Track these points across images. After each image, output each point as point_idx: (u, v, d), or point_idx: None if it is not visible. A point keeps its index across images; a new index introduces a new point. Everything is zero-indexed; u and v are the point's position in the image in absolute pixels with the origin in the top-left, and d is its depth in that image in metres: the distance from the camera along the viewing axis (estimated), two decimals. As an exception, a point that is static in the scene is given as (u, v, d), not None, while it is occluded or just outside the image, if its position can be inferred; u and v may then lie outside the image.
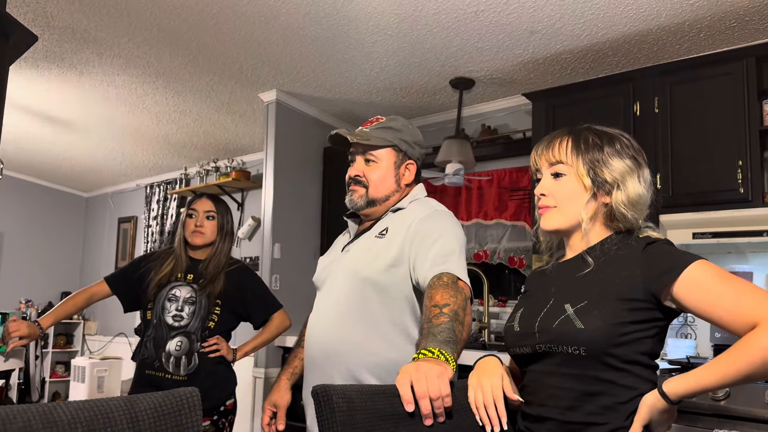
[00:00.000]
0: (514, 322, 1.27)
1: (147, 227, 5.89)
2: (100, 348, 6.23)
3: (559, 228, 1.27)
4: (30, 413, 0.73)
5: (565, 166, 1.25)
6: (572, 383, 1.13)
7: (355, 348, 1.50)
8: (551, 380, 1.17)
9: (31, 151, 5.35)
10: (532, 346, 1.20)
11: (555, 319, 1.16)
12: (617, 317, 1.10)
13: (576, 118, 2.97)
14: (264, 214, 3.90)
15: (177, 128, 4.61)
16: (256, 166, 5.02)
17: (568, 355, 1.13)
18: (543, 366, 1.19)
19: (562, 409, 1.14)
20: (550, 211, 1.27)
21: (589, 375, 1.12)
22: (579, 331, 1.11)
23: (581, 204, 1.23)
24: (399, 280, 1.51)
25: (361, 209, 1.66)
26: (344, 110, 4.08)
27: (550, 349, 1.16)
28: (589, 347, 1.10)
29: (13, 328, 2.00)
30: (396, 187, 1.65)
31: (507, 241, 3.67)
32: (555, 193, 1.26)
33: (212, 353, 2.21)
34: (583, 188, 1.23)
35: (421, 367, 1.11)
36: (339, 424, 0.97)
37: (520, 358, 1.26)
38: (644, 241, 1.18)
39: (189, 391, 0.87)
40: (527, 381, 1.24)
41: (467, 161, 3.36)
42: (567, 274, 1.25)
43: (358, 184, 1.65)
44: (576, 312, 1.13)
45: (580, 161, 1.24)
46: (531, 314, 1.23)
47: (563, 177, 1.25)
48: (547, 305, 1.21)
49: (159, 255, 2.36)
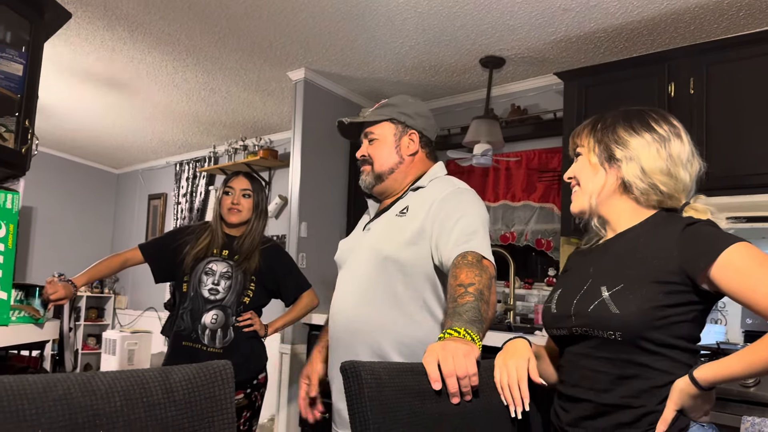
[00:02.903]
0: (552, 303, 1.28)
1: (176, 204, 5.98)
2: (130, 322, 6.38)
3: (582, 208, 1.30)
4: (69, 382, 0.75)
5: (582, 148, 1.30)
6: (607, 366, 1.14)
7: (379, 326, 1.51)
8: (586, 362, 1.17)
9: (63, 127, 5.44)
10: (569, 329, 1.20)
11: (591, 303, 1.15)
12: (653, 301, 1.09)
13: (609, 99, 2.97)
14: (291, 193, 3.92)
15: (206, 106, 4.65)
16: (284, 144, 5.04)
17: (604, 339, 1.13)
18: (579, 348, 1.19)
19: (596, 391, 1.14)
20: (576, 192, 1.31)
21: (624, 359, 1.12)
22: (614, 315, 1.10)
23: (591, 179, 1.26)
24: (420, 257, 1.51)
25: (372, 186, 1.68)
26: (372, 89, 4.06)
27: (586, 333, 1.16)
28: (624, 332, 1.10)
29: (50, 289, 2.04)
30: (399, 158, 1.65)
31: (535, 223, 3.64)
32: (576, 173, 1.31)
33: (246, 328, 2.26)
34: (591, 165, 1.27)
35: (447, 346, 1.11)
36: (368, 400, 0.98)
37: (557, 339, 1.27)
38: (684, 221, 1.16)
39: (222, 363, 0.88)
40: (563, 362, 1.24)
41: (496, 142, 3.33)
42: (605, 255, 1.24)
43: (364, 163, 1.69)
44: (612, 296, 1.12)
45: (591, 139, 1.27)
46: (568, 296, 1.23)
47: (581, 157, 1.30)
48: (584, 287, 1.20)
49: (194, 229, 2.40)
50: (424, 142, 1.68)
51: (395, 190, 1.67)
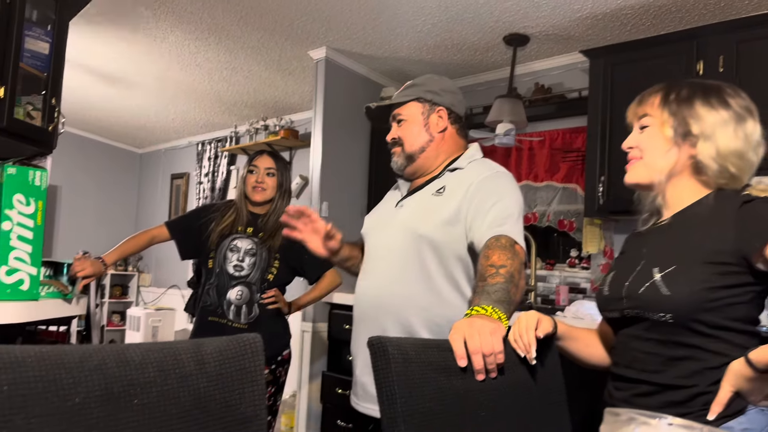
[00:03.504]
0: (604, 285, 1.26)
1: (198, 184, 6.02)
2: (153, 299, 6.48)
3: (639, 181, 1.24)
4: (104, 352, 0.77)
5: (650, 117, 1.22)
6: (658, 348, 1.12)
7: (408, 302, 1.52)
8: (638, 344, 1.16)
9: (86, 107, 5.49)
10: (620, 311, 1.18)
11: (642, 285, 1.13)
12: (706, 282, 1.06)
13: (636, 77, 2.92)
14: (312, 173, 3.93)
15: (228, 86, 4.65)
16: (305, 125, 5.04)
17: (655, 321, 1.11)
18: (631, 330, 1.17)
19: (648, 372, 1.13)
20: (635, 164, 1.25)
21: (676, 341, 1.10)
22: (665, 297, 1.08)
23: (662, 154, 1.20)
24: (454, 238, 1.51)
25: (404, 168, 1.67)
26: (393, 68, 4.03)
27: (637, 315, 1.14)
28: (676, 314, 1.08)
29: (78, 267, 2.06)
30: (429, 136, 1.64)
31: (557, 204, 3.60)
32: (640, 144, 1.24)
33: (270, 305, 2.28)
34: (664, 138, 1.19)
35: (474, 324, 1.12)
36: (394, 375, 0.98)
37: (610, 321, 1.25)
38: (741, 199, 1.11)
39: (252, 336, 0.90)
40: (616, 343, 1.23)
41: (519, 121, 3.29)
42: (658, 236, 1.21)
43: (395, 145, 1.69)
44: (663, 277, 1.10)
45: (665, 111, 1.20)
46: (620, 278, 1.21)
47: (647, 128, 1.23)
48: (636, 269, 1.18)
49: (219, 207, 2.43)
50: (453, 118, 1.67)
51: (428, 169, 1.66)
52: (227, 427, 0.83)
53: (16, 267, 1.70)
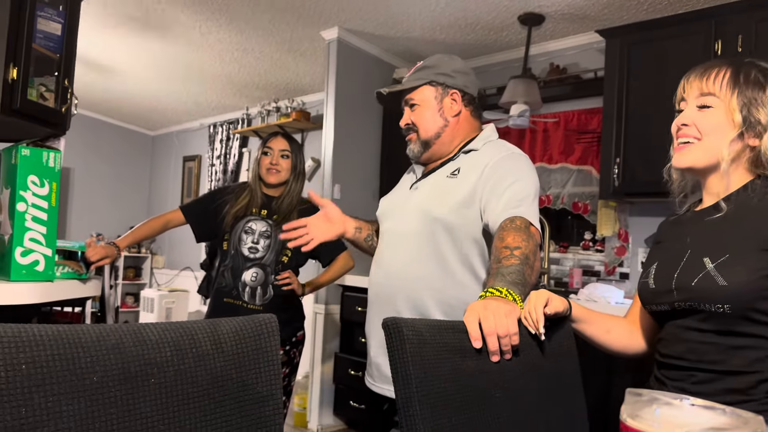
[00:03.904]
0: (649, 278, 1.21)
1: (210, 166, 6.04)
2: (167, 281, 6.54)
3: (694, 165, 1.17)
4: (121, 332, 0.77)
5: (716, 99, 1.14)
6: (716, 338, 1.08)
7: (423, 284, 1.52)
8: (692, 335, 1.12)
9: (98, 88, 5.50)
10: (671, 304, 1.14)
11: (694, 276, 1.09)
12: (763, 270, 1.02)
13: (652, 57, 2.87)
14: (324, 155, 3.92)
15: (239, 67, 4.64)
16: (316, 106, 5.02)
17: (711, 312, 1.07)
18: (683, 322, 1.13)
19: (705, 362, 1.09)
20: (691, 146, 1.16)
21: (735, 331, 1.06)
22: (722, 288, 1.04)
23: (725, 141, 1.12)
24: (469, 220, 1.50)
25: (420, 155, 1.65)
26: (406, 49, 4.00)
27: (691, 307, 1.10)
28: (733, 304, 1.03)
29: (90, 254, 2.09)
30: (444, 121, 1.62)
31: (572, 186, 3.57)
32: (699, 124, 1.15)
33: (285, 287, 2.30)
34: (731, 124, 1.12)
35: (489, 305, 1.11)
36: (409, 355, 0.98)
37: (657, 315, 1.21)
38: None
39: (268, 317, 0.89)
40: (665, 335, 1.19)
41: (533, 102, 3.26)
42: (704, 224, 1.16)
43: (409, 131, 1.66)
44: (717, 267, 1.06)
45: (735, 95, 1.12)
46: (667, 269, 1.16)
47: (710, 109, 1.14)
48: (684, 259, 1.14)
49: (234, 189, 2.43)
50: (467, 100, 1.64)
51: (443, 153, 1.64)
52: (243, 406, 0.83)
53: (31, 248, 1.71)
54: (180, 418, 0.77)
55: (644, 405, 0.58)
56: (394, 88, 1.68)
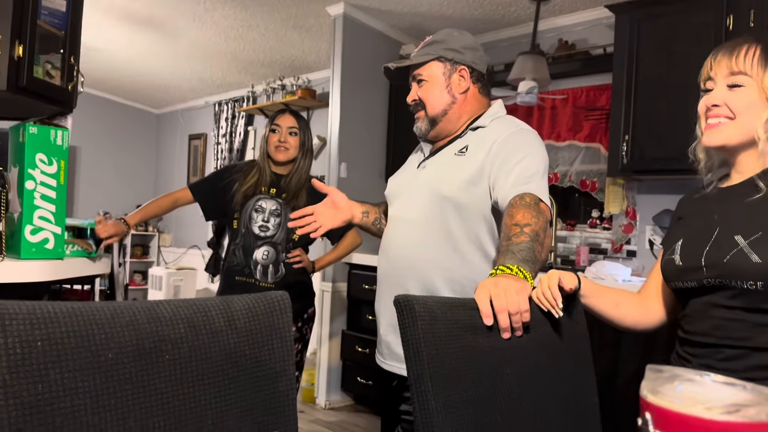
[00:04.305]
0: (675, 255, 1.21)
1: (216, 144, 6.02)
2: (174, 259, 6.57)
3: (727, 143, 1.17)
4: (135, 309, 0.77)
5: (747, 77, 1.13)
6: (745, 315, 1.09)
7: (432, 263, 1.51)
8: (719, 312, 1.12)
9: (103, 67, 5.47)
10: (699, 281, 1.14)
11: (726, 253, 1.09)
12: None
13: (663, 33, 2.83)
14: (330, 133, 3.90)
15: (244, 44, 4.60)
16: (322, 84, 4.99)
17: (742, 289, 1.07)
18: (710, 298, 1.14)
19: (733, 339, 1.10)
20: (723, 125, 1.16)
21: (762, 308, 1.06)
22: (755, 265, 1.04)
23: (760, 119, 1.12)
24: (478, 198, 1.49)
25: (427, 132, 1.63)
26: (413, 24, 3.95)
27: (721, 284, 1.10)
28: (766, 282, 1.03)
29: (100, 231, 2.09)
30: (451, 98, 1.60)
31: (580, 164, 3.55)
32: (731, 103, 1.14)
33: (296, 264, 2.31)
34: (765, 103, 1.12)
35: (500, 283, 1.11)
36: (421, 332, 0.98)
37: (682, 291, 1.21)
38: None
39: (280, 294, 0.90)
40: (690, 311, 1.19)
41: (542, 79, 3.22)
42: (734, 201, 1.16)
43: (417, 108, 1.64)
44: (750, 244, 1.06)
45: (767, 74, 1.12)
46: (695, 246, 1.17)
47: (741, 88, 1.14)
48: (713, 236, 1.14)
49: (242, 167, 2.43)
50: (475, 76, 1.62)
51: (450, 131, 1.63)
52: (257, 382, 0.84)
53: (40, 226, 1.71)
54: (195, 394, 0.78)
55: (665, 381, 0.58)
56: (402, 63, 1.66)
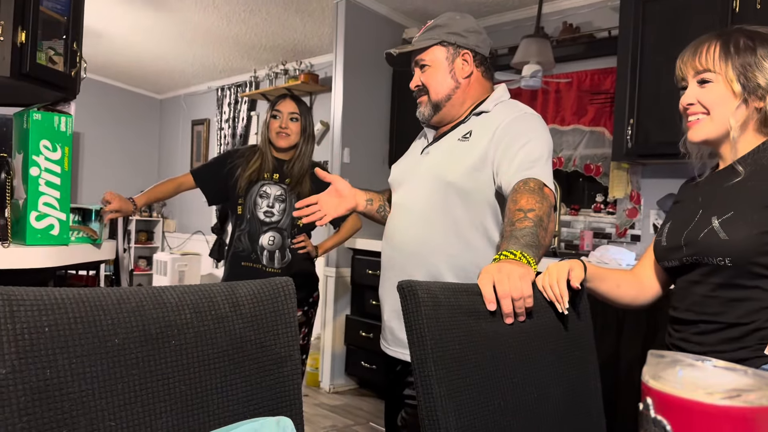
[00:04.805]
0: (662, 236, 1.30)
1: (219, 130, 6.02)
2: (179, 244, 6.59)
3: (707, 138, 1.23)
4: (141, 295, 0.78)
5: (713, 73, 1.19)
6: (718, 291, 1.16)
7: (436, 249, 1.51)
8: (698, 289, 1.20)
9: (106, 52, 5.46)
10: (680, 259, 1.22)
11: (700, 232, 1.17)
12: (763, 226, 1.09)
13: (668, 16, 2.80)
14: (333, 118, 3.89)
15: (246, 28, 4.58)
16: (325, 69, 4.97)
17: (714, 266, 1.15)
18: (690, 276, 1.22)
19: (708, 314, 1.18)
20: (701, 121, 1.22)
21: (735, 283, 1.14)
22: (723, 242, 1.12)
23: (730, 110, 1.18)
24: (482, 184, 1.49)
25: (431, 117, 1.62)
26: (416, 8, 3.92)
27: (696, 261, 1.18)
28: (734, 258, 1.11)
29: (109, 197, 2.12)
30: (455, 82, 1.58)
31: (584, 148, 3.53)
32: (703, 100, 1.21)
33: (300, 250, 2.33)
34: (732, 94, 1.18)
35: (503, 268, 1.11)
36: (424, 318, 0.99)
37: (669, 271, 1.30)
38: None
39: (284, 280, 0.90)
40: (676, 290, 1.28)
41: (546, 62, 3.20)
42: (716, 185, 1.24)
43: (420, 93, 1.63)
44: (721, 223, 1.14)
45: (729, 67, 1.17)
46: (678, 228, 1.25)
47: (710, 84, 1.20)
48: (695, 218, 1.22)
49: (244, 152, 2.43)
50: (478, 60, 1.61)
51: (454, 116, 1.62)
52: (263, 367, 0.85)
53: (45, 212, 1.72)
54: (200, 379, 0.79)
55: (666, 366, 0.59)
56: (404, 49, 1.64)
